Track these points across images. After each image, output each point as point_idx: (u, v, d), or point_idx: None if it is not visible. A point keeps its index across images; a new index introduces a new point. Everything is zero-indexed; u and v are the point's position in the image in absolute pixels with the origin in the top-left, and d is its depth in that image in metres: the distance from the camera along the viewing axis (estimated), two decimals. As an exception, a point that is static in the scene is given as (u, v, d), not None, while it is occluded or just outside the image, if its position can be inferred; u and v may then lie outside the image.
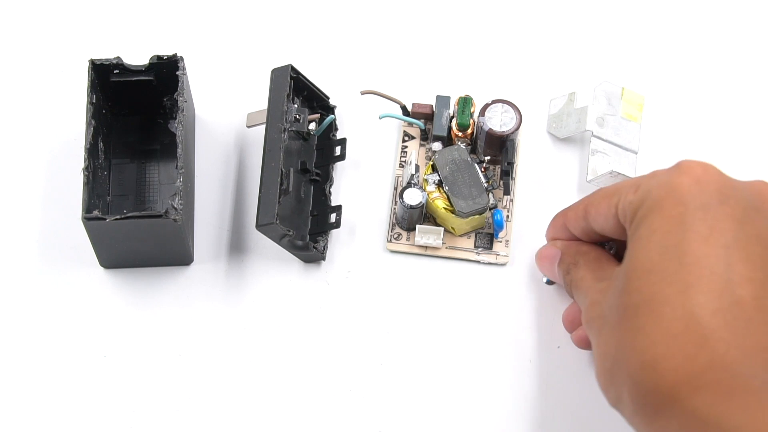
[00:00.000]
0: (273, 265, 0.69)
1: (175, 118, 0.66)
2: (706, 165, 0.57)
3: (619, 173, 0.69)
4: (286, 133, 0.67)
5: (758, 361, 0.52)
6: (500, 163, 0.71)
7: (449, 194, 0.68)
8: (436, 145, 0.70)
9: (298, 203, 0.69)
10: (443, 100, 0.71)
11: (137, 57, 0.69)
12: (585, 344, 0.64)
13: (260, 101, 0.70)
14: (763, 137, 0.73)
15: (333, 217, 0.69)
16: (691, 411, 0.51)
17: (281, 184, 0.66)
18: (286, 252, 0.69)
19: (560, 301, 0.69)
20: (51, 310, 0.68)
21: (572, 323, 0.65)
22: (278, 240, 0.66)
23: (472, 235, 0.70)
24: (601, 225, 0.61)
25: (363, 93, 0.71)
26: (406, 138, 0.72)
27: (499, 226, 0.69)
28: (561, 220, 0.65)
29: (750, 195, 0.56)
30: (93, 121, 0.66)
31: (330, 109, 0.72)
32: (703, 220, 0.54)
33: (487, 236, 0.70)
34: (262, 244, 0.70)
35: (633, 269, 0.55)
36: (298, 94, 0.70)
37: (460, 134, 0.70)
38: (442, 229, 0.69)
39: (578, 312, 0.64)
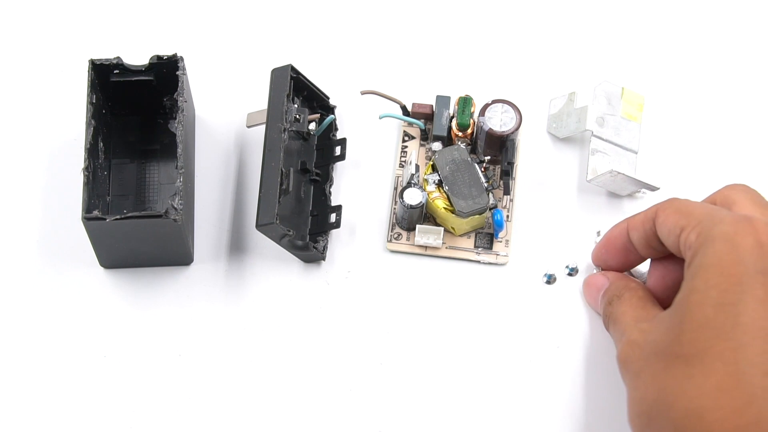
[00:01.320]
0: (273, 265, 0.69)
1: (175, 118, 0.66)
2: None
3: (619, 173, 0.69)
4: (286, 133, 0.67)
5: None
6: (500, 163, 0.71)
7: (449, 194, 0.68)
8: (436, 145, 0.70)
9: (298, 203, 0.69)
10: (443, 100, 0.71)
11: (137, 57, 0.69)
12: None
13: (260, 101, 0.70)
14: (763, 137, 0.73)
15: (333, 217, 0.69)
16: None
17: (281, 184, 0.66)
18: (286, 252, 0.69)
19: (560, 301, 0.69)
20: (51, 310, 0.68)
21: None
22: (278, 240, 0.66)
23: (472, 235, 0.70)
24: (663, 236, 0.61)
25: (363, 93, 0.71)
26: (406, 138, 0.72)
27: (499, 226, 0.69)
28: (620, 229, 0.65)
29: None
30: (93, 121, 0.66)
31: (330, 109, 0.72)
32: (762, 284, 0.55)
33: (487, 236, 0.70)
34: (262, 244, 0.70)
35: (687, 321, 0.56)
36: (298, 94, 0.70)
37: (460, 134, 0.70)
38: (442, 229, 0.69)
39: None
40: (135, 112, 0.71)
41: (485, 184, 0.68)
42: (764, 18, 0.76)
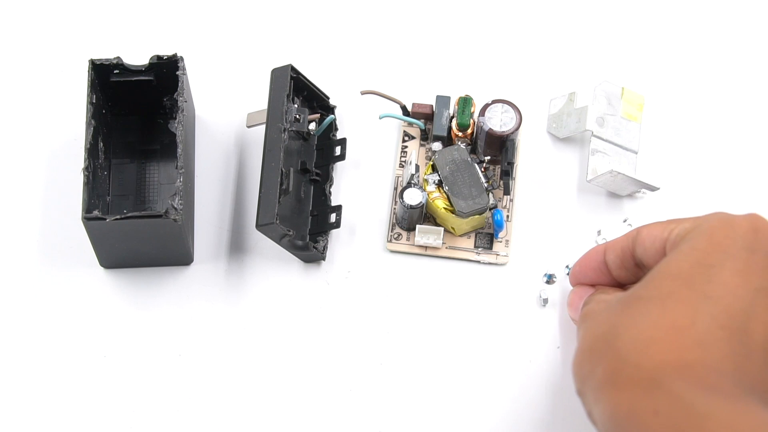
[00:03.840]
0: (273, 265, 0.69)
1: (175, 118, 0.66)
2: None
3: (619, 173, 0.69)
4: (286, 133, 0.67)
5: (746, 381, 0.53)
6: (500, 163, 0.71)
7: (449, 194, 0.68)
8: (436, 145, 0.70)
9: (298, 203, 0.69)
10: (443, 100, 0.71)
11: (137, 57, 0.69)
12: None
13: (260, 101, 0.70)
14: (762, 137, 0.73)
15: (333, 217, 0.69)
16: (668, 390, 0.52)
17: (281, 184, 0.66)
18: (286, 252, 0.69)
19: (560, 301, 0.69)
20: (51, 310, 0.68)
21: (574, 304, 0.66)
22: (278, 240, 0.66)
23: (472, 235, 0.70)
24: (645, 249, 0.61)
25: (363, 93, 0.71)
26: (406, 138, 0.72)
27: (499, 226, 0.69)
28: (597, 250, 0.64)
29: None
30: (93, 121, 0.66)
31: (330, 109, 0.72)
32: (745, 259, 0.56)
33: (487, 236, 0.70)
34: (262, 244, 0.70)
35: (658, 270, 0.57)
36: (298, 94, 0.70)
37: (460, 134, 0.70)
38: (442, 229, 0.69)
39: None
40: (135, 112, 0.71)
41: (485, 184, 0.68)
42: (764, 18, 0.76)
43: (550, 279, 0.69)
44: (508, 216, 0.70)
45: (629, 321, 0.55)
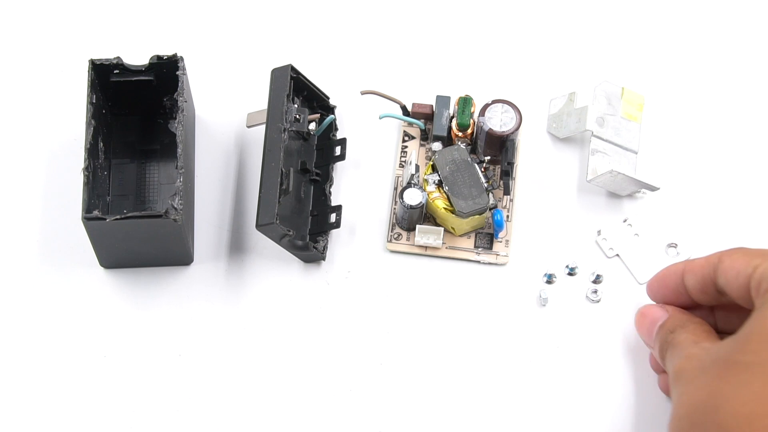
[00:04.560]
0: (273, 265, 0.69)
1: (175, 118, 0.66)
2: None
3: (619, 173, 0.69)
4: (286, 133, 0.67)
5: None
6: (500, 163, 0.71)
7: (449, 194, 0.68)
8: (436, 145, 0.70)
9: (298, 203, 0.69)
10: (443, 100, 0.71)
11: (137, 57, 0.69)
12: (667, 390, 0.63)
13: (260, 101, 0.70)
14: (762, 137, 0.73)
15: (333, 217, 0.69)
16: None
17: (281, 184, 0.66)
18: (286, 252, 0.69)
19: (560, 301, 0.69)
20: (51, 310, 0.68)
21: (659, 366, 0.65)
22: (278, 240, 0.66)
23: (472, 235, 0.70)
24: (728, 281, 0.59)
25: (363, 93, 0.71)
26: (406, 138, 0.72)
27: (499, 226, 0.69)
28: (675, 270, 0.63)
29: None
30: (93, 121, 0.66)
31: (330, 109, 0.72)
32: None
33: (487, 236, 0.70)
34: (262, 244, 0.70)
35: (755, 333, 0.55)
36: (298, 94, 0.70)
37: (460, 134, 0.70)
38: (442, 229, 0.69)
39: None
40: (135, 112, 0.71)
41: (485, 184, 0.68)
42: (764, 18, 0.76)
43: (550, 279, 0.69)
44: (508, 216, 0.70)
45: (730, 391, 0.54)
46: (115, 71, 0.68)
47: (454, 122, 0.70)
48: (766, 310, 0.56)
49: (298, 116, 0.68)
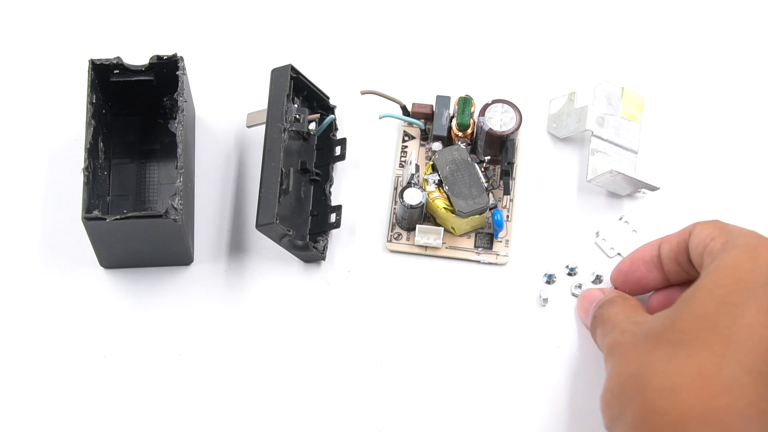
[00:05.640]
0: (273, 265, 0.69)
1: (175, 118, 0.66)
2: None
3: (619, 173, 0.69)
4: (286, 133, 0.67)
5: None
6: (500, 163, 0.71)
7: (449, 194, 0.68)
8: (436, 145, 0.70)
9: (298, 203, 0.69)
10: (443, 100, 0.71)
11: (137, 57, 0.69)
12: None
13: (260, 101, 0.70)
14: (762, 137, 0.73)
15: (333, 217, 0.69)
16: None
17: (281, 184, 0.66)
18: (286, 252, 0.69)
19: (560, 301, 0.69)
20: (51, 310, 0.68)
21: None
22: (278, 240, 0.66)
23: (472, 235, 0.70)
24: (692, 249, 0.61)
25: (363, 93, 0.71)
26: (406, 138, 0.72)
27: (499, 226, 0.69)
28: (652, 244, 0.65)
29: None
30: (93, 121, 0.66)
31: (330, 109, 0.72)
32: None
33: (487, 236, 0.70)
34: (262, 244, 0.70)
35: (686, 311, 0.57)
36: (298, 94, 0.70)
37: (460, 134, 0.70)
38: (442, 229, 0.69)
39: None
40: (135, 112, 0.71)
41: (485, 184, 0.68)
42: (764, 18, 0.76)
43: (550, 279, 0.69)
44: (508, 216, 0.70)
45: (657, 365, 0.56)
46: (115, 71, 0.68)
47: (454, 122, 0.70)
48: (701, 284, 0.57)
49: (298, 116, 0.68)
